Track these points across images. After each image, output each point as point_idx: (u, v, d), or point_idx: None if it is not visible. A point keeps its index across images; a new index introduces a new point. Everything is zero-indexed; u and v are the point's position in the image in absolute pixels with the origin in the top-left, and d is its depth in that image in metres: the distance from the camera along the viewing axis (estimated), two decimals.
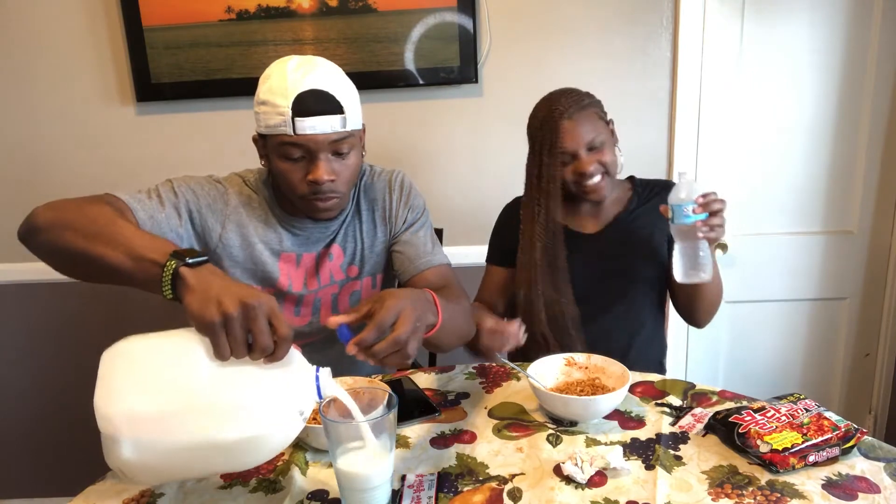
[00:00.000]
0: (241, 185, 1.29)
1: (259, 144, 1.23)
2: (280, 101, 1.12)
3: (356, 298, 1.36)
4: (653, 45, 1.91)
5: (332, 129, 1.14)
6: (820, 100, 1.95)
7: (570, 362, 1.20)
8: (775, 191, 2.02)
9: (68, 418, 2.21)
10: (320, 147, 1.14)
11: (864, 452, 0.96)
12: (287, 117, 1.11)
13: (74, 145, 2.02)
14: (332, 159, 1.17)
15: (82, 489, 0.98)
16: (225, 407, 0.79)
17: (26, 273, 2.09)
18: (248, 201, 1.28)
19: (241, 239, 1.27)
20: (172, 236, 1.18)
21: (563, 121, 1.36)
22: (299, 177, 1.17)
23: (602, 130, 1.39)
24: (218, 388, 0.79)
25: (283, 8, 1.87)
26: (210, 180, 1.27)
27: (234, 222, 1.26)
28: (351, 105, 1.17)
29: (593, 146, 1.38)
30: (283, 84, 1.12)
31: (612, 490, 0.91)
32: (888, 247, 2.06)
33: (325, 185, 1.16)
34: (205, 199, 1.24)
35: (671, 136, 1.96)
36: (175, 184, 1.22)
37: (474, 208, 2.02)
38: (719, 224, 1.22)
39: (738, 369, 2.17)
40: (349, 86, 1.20)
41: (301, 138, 1.13)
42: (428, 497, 0.90)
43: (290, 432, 0.83)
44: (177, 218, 1.20)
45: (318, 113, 1.12)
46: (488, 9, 1.89)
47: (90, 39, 1.94)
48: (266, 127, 1.15)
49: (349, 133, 1.17)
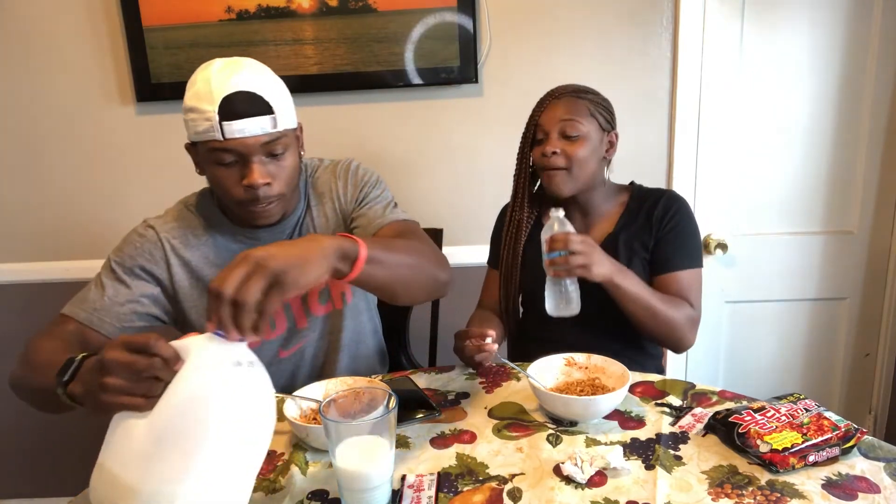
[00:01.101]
0: (179, 217, 1.27)
1: (192, 153, 1.19)
2: (206, 106, 1.08)
3: (326, 296, 1.33)
4: (653, 45, 1.91)
5: (262, 130, 1.11)
6: (820, 100, 1.95)
7: (570, 362, 1.20)
8: (775, 191, 2.02)
9: (68, 418, 2.20)
10: (252, 150, 1.11)
11: (864, 452, 0.96)
12: (214, 122, 1.08)
13: (74, 145, 2.02)
14: (267, 161, 1.14)
15: (82, 489, 0.98)
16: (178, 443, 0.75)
17: (26, 273, 2.09)
18: (187, 231, 1.26)
19: (189, 277, 1.25)
20: (131, 307, 1.21)
21: (551, 100, 1.37)
22: (234, 181, 1.14)
23: (587, 127, 1.35)
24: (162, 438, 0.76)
25: (283, 8, 1.87)
26: (137, 232, 1.26)
27: (178, 263, 1.25)
28: (281, 104, 1.13)
29: (567, 135, 1.35)
30: (208, 88, 1.08)
31: (612, 490, 0.91)
32: (888, 247, 2.06)
33: (260, 189, 1.13)
34: (140, 255, 1.23)
35: (671, 136, 1.97)
36: (111, 260, 1.24)
37: (474, 208, 2.02)
38: (578, 264, 1.21)
39: (738, 369, 2.17)
40: (278, 85, 1.16)
41: (231, 143, 1.09)
42: (428, 497, 0.90)
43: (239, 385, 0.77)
44: (125, 289, 1.21)
45: (247, 115, 1.09)
46: (488, 9, 1.89)
47: (90, 39, 1.94)
48: (195, 133, 1.12)
49: (282, 133, 1.14)
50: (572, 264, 1.21)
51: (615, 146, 1.43)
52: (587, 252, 1.22)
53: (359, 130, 1.98)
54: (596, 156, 1.38)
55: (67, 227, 2.08)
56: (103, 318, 1.18)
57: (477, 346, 1.23)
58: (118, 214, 2.06)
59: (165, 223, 1.27)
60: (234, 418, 0.76)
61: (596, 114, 1.37)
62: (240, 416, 0.76)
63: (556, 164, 1.35)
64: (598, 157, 1.39)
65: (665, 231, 1.39)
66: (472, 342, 1.24)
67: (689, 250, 1.39)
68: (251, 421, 0.78)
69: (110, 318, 1.18)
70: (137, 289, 1.21)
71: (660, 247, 1.39)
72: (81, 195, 2.06)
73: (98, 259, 2.09)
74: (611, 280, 1.26)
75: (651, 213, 1.40)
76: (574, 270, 1.22)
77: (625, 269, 1.30)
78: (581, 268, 1.22)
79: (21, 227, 2.08)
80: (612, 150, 1.42)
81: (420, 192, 1.99)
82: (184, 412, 0.75)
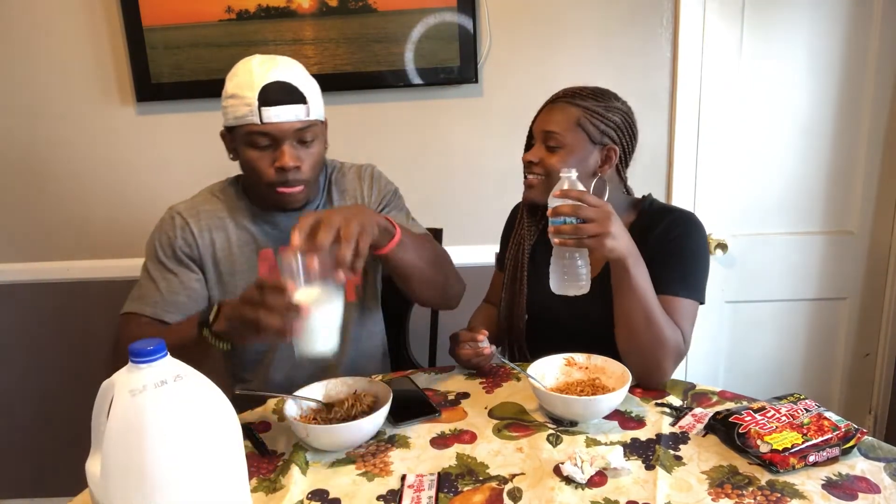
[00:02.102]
0: (204, 201, 1.36)
1: (227, 139, 1.29)
2: (247, 93, 1.19)
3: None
4: (653, 46, 1.91)
5: (296, 117, 1.21)
6: (820, 99, 1.94)
7: (570, 362, 1.20)
8: (775, 191, 2.02)
9: (68, 418, 2.21)
10: (285, 135, 1.21)
11: (865, 452, 0.96)
12: (254, 107, 1.19)
13: (74, 145, 2.02)
14: (297, 147, 1.24)
15: (82, 489, 0.98)
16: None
17: (26, 273, 2.10)
18: (212, 214, 1.34)
19: (212, 258, 1.33)
20: (186, 295, 1.30)
21: (548, 104, 1.31)
22: (266, 164, 1.23)
23: (569, 139, 1.24)
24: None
25: (283, 8, 1.87)
26: (165, 221, 1.33)
27: (205, 244, 1.32)
28: (313, 96, 1.25)
29: (549, 145, 1.26)
30: (250, 78, 1.20)
31: (612, 490, 0.91)
32: (888, 247, 2.06)
33: (290, 171, 1.23)
34: (175, 242, 1.31)
35: (671, 137, 1.96)
36: (153, 252, 1.31)
37: (474, 208, 2.02)
38: (590, 234, 1.06)
39: (738, 369, 2.17)
40: (311, 79, 1.27)
41: (267, 126, 1.20)
42: (428, 497, 0.90)
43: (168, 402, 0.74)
44: (175, 278, 1.30)
45: (283, 102, 1.20)
46: (488, 9, 1.89)
47: (90, 39, 1.93)
48: (234, 118, 1.22)
49: (312, 122, 1.24)
50: (583, 232, 1.06)
51: (612, 162, 1.26)
52: (601, 220, 1.06)
53: (359, 130, 1.98)
54: (580, 169, 1.19)
55: (67, 227, 2.08)
56: (167, 309, 1.28)
57: (473, 351, 1.23)
58: (118, 214, 2.06)
59: (191, 208, 1.34)
60: (176, 435, 0.72)
61: (587, 124, 1.24)
62: (181, 430, 0.73)
63: (533, 171, 1.28)
64: (585, 172, 1.24)
65: (663, 249, 1.24)
66: (469, 346, 1.23)
67: (688, 278, 1.23)
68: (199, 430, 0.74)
69: (172, 309, 1.28)
70: (184, 276, 1.31)
71: (654, 265, 1.18)
72: (81, 195, 2.06)
73: (98, 259, 2.12)
74: (623, 261, 1.11)
75: (654, 230, 1.27)
76: (584, 241, 1.07)
77: (640, 256, 1.14)
78: (593, 239, 1.06)
79: (21, 227, 2.08)
80: (606, 166, 1.26)
81: (420, 192, 1.99)
82: (125, 445, 0.71)
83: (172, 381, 0.73)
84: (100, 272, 2.09)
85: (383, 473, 0.97)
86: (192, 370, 0.77)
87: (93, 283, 2.10)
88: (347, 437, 1.03)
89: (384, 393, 1.10)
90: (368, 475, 0.97)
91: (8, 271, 2.10)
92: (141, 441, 0.70)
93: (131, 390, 0.71)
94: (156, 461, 0.71)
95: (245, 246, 1.34)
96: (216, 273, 1.33)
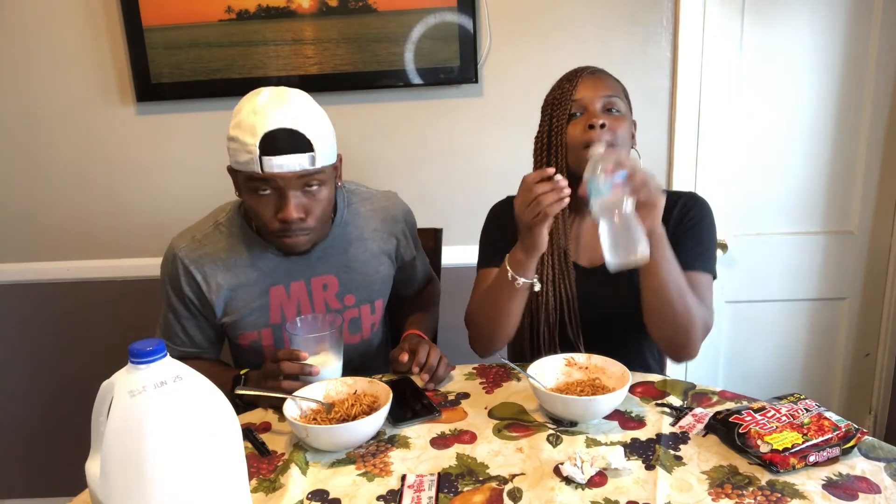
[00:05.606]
0: (206, 240, 1.30)
1: (233, 175, 1.23)
2: (248, 140, 1.11)
3: (357, 326, 1.40)
4: (653, 45, 1.91)
5: (300, 167, 1.14)
6: (820, 99, 1.95)
7: (570, 362, 1.20)
8: (775, 191, 2.02)
9: (68, 418, 2.21)
10: (289, 184, 1.14)
11: (865, 452, 0.96)
12: (255, 156, 1.11)
13: (74, 145, 2.02)
14: (302, 195, 1.18)
15: (82, 489, 0.98)
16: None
17: (26, 273, 2.09)
18: (215, 255, 1.29)
19: (218, 296, 1.30)
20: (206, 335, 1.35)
21: (585, 75, 1.25)
22: (270, 213, 1.18)
23: (624, 106, 1.25)
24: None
25: (283, 8, 1.87)
26: (167, 260, 1.30)
27: (212, 289, 1.29)
28: (322, 142, 1.16)
29: (611, 108, 1.22)
30: (252, 121, 1.12)
31: (612, 490, 0.91)
32: (888, 247, 2.06)
33: (294, 222, 1.17)
34: (181, 284, 1.29)
35: (671, 137, 1.96)
36: (164, 291, 1.32)
37: (474, 208, 2.01)
38: (641, 182, 1.04)
39: (738, 369, 2.17)
40: (321, 121, 1.18)
41: (269, 175, 1.13)
42: (428, 497, 0.90)
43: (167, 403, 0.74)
44: (192, 319, 1.32)
45: (287, 151, 1.12)
46: (488, 9, 1.89)
47: (90, 39, 1.93)
48: (236, 162, 1.16)
49: (319, 170, 1.17)
50: (638, 181, 1.03)
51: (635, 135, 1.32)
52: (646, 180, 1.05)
53: (359, 130, 1.98)
54: (629, 139, 1.25)
55: (67, 227, 2.08)
56: (195, 346, 1.34)
57: (555, 192, 1.07)
58: (118, 214, 2.06)
59: (192, 251, 1.29)
60: (175, 435, 0.72)
61: (626, 97, 1.30)
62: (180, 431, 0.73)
63: (605, 137, 1.20)
64: (629, 143, 1.27)
65: (684, 229, 1.28)
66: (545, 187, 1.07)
67: (705, 253, 1.28)
68: (198, 431, 0.74)
69: (199, 347, 1.35)
70: (198, 316, 1.33)
71: (675, 245, 1.19)
72: (81, 195, 2.06)
73: (98, 259, 2.12)
74: (660, 232, 1.11)
75: (670, 213, 1.28)
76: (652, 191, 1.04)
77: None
78: (644, 186, 1.04)
79: (21, 227, 2.08)
80: (634, 139, 1.31)
81: (420, 192, 1.99)
82: (125, 446, 0.71)
83: (172, 382, 0.73)
84: (100, 272, 2.09)
85: (383, 474, 0.97)
86: (191, 370, 0.77)
87: (93, 283, 2.10)
88: (347, 438, 1.03)
89: (384, 393, 1.10)
90: (368, 475, 0.97)
91: (8, 271, 2.10)
92: (140, 442, 0.70)
93: (131, 391, 0.71)
94: (155, 462, 0.71)
95: (254, 284, 1.30)
96: (225, 311, 1.31)
